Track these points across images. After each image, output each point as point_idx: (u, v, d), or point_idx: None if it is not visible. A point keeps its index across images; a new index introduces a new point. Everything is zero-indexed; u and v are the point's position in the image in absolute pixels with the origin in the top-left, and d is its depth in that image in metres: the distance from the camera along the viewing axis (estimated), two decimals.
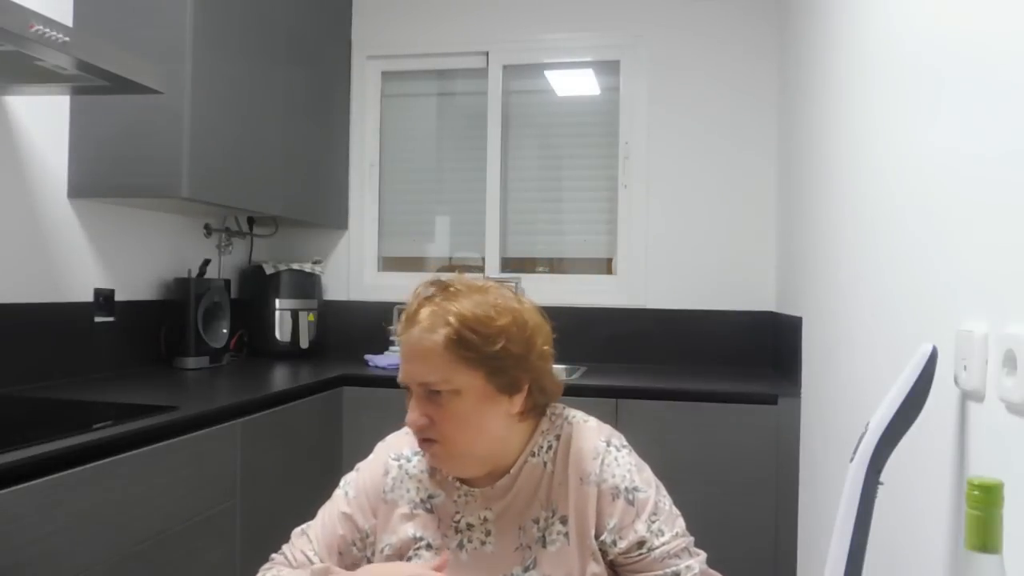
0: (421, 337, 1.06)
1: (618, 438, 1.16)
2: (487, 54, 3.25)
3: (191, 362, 2.61)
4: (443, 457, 1.09)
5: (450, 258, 3.34)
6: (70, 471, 1.43)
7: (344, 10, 3.28)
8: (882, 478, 0.90)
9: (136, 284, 2.57)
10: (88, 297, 2.34)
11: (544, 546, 1.09)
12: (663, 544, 1.07)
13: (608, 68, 3.20)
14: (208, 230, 2.96)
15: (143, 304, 2.58)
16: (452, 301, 1.08)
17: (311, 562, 1.14)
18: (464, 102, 3.37)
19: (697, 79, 3.06)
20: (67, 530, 1.42)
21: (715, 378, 2.62)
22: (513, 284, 3.13)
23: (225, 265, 3.11)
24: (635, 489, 1.09)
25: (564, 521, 1.10)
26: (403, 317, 1.11)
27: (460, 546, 1.11)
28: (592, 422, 1.17)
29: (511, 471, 1.12)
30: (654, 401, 2.39)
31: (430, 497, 1.14)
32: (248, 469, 2.02)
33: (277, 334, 3.03)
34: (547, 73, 3.27)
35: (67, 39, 1.55)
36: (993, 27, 0.96)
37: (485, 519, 1.12)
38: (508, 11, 3.21)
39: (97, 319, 2.36)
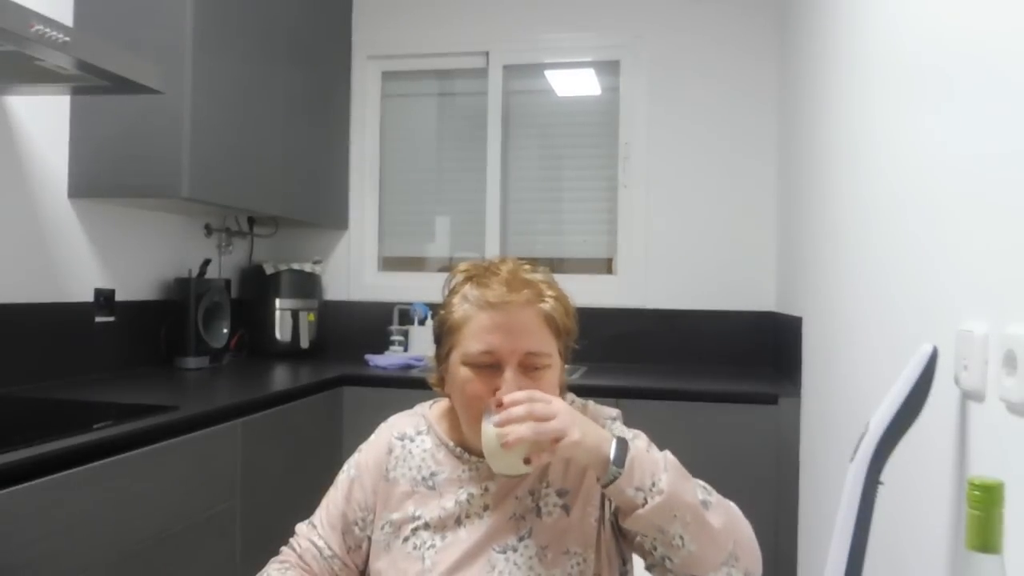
0: (525, 307, 1.08)
1: (617, 415, 1.20)
2: (487, 54, 3.25)
3: (191, 362, 2.61)
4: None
5: (450, 258, 3.35)
6: (70, 471, 1.43)
7: (344, 10, 3.28)
8: (882, 478, 0.90)
9: (136, 284, 2.57)
10: (88, 297, 2.34)
11: (539, 516, 1.09)
12: None
13: (608, 68, 3.20)
14: (208, 230, 2.96)
15: (143, 304, 2.58)
16: (540, 275, 1.13)
17: (318, 548, 1.15)
18: (464, 102, 3.37)
19: (697, 79, 3.06)
20: (67, 530, 1.42)
21: (715, 378, 2.62)
22: None
23: (225, 265, 3.11)
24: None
25: (561, 494, 1.10)
26: (478, 282, 1.10)
27: (458, 522, 1.11)
28: (591, 403, 1.21)
29: None
30: (654, 401, 2.39)
31: (432, 475, 1.15)
32: (248, 469, 2.02)
33: (277, 334, 3.03)
34: (547, 73, 3.27)
35: (67, 39, 1.55)
36: (994, 27, 0.96)
37: (487, 489, 1.12)
38: (508, 11, 3.21)
39: (97, 319, 2.36)
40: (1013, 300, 0.88)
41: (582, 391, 2.65)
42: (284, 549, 1.19)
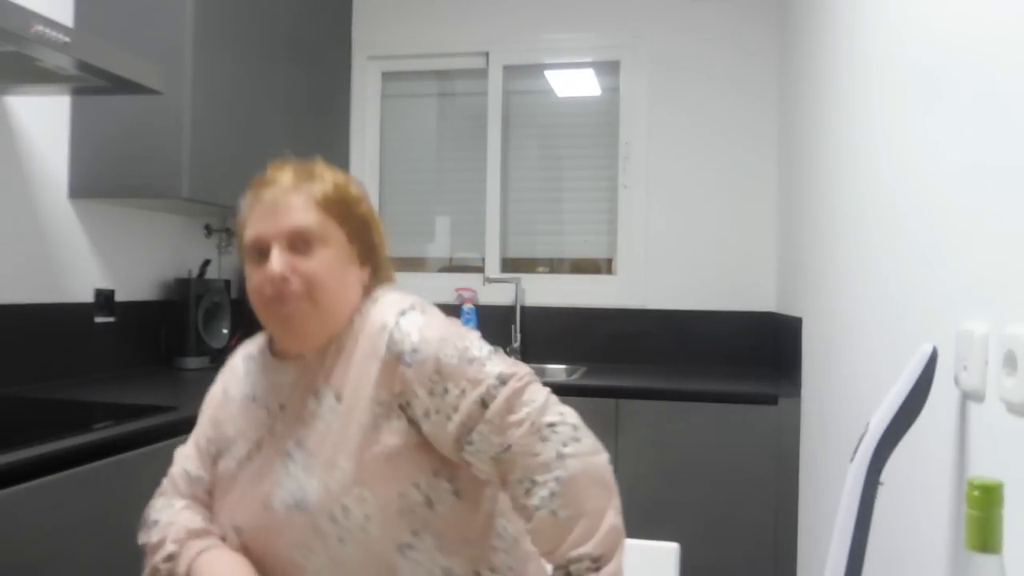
0: (291, 191, 1.08)
1: (420, 306, 1.08)
2: (487, 54, 3.25)
3: (191, 362, 2.61)
4: (305, 314, 1.04)
5: (450, 258, 3.34)
6: (70, 471, 1.43)
7: (344, 10, 3.28)
8: (882, 478, 0.90)
9: (136, 284, 2.57)
10: (88, 297, 2.34)
11: (314, 421, 1.03)
12: (457, 413, 0.97)
13: (608, 68, 3.20)
14: (208, 230, 2.96)
15: (143, 304, 2.58)
16: (315, 165, 1.14)
17: (189, 475, 1.14)
18: (464, 102, 3.37)
19: (697, 79, 3.06)
20: (67, 530, 1.42)
21: (715, 378, 2.62)
22: (513, 284, 3.13)
23: (225, 265, 3.11)
24: (414, 351, 1.00)
25: (339, 398, 1.03)
26: (256, 183, 1.11)
27: (271, 432, 1.08)
28: (393, 296, 1.11)
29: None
30: (654, 401, 2.39)
31: (255, 387, 1.12)
32: None
33: None
34: (547, 73, 3.27)
35: (67, 40, 1.55)
36: (994, 29, 0.96)
37: (291, 394, 1.08)
38: (508, 11, 3.21)
39: (97, 319, 2.36)
40: (1013, 300, 0.88)
41: (582, 391, 2.64)
42: (164, 481, 1.18)
